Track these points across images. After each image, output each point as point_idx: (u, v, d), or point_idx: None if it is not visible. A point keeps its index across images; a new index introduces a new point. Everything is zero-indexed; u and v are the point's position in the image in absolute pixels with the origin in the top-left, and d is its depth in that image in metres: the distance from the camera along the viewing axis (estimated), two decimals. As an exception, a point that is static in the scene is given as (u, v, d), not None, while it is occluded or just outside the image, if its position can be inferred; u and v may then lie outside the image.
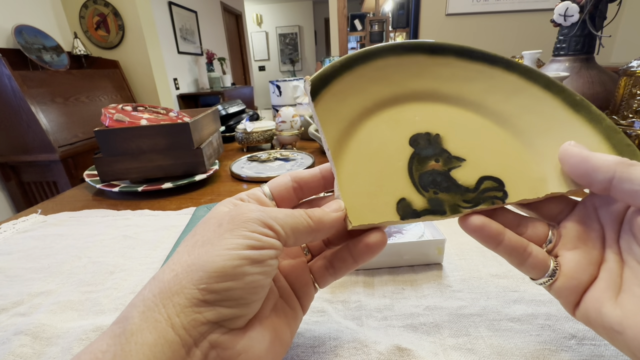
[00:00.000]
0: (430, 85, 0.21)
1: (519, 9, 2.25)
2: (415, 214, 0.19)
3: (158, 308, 0.14)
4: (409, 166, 0.20)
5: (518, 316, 0.24)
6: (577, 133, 0.19)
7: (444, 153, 0.20)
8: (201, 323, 0.14)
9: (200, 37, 3.60)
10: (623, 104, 0.51)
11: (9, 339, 0.24)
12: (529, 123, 0.20)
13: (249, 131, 0.76)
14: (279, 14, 6.39)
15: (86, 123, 1.76)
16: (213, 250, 0.15)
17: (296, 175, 0.20)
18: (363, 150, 0.20)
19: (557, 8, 0.61)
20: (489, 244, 0.19)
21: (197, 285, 0.14)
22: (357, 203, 0.19)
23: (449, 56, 0.21)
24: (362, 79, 0.21)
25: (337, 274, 0.21)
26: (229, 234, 0.16)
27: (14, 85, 1.45)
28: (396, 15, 2.84)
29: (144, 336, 0.13)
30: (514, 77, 0.20)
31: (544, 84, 0.20)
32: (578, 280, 0.18)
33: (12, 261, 0.36)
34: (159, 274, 0.15)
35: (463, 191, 0.19)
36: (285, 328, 0.18)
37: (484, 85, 0.21)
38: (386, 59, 0.21)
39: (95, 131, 0.53)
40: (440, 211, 0.19)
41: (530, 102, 0.20)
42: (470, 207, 0.19)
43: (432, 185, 0.20)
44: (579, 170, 0.17)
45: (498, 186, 0.19)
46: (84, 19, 2.16)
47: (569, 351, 0.21)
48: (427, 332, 0.24)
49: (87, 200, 0.54)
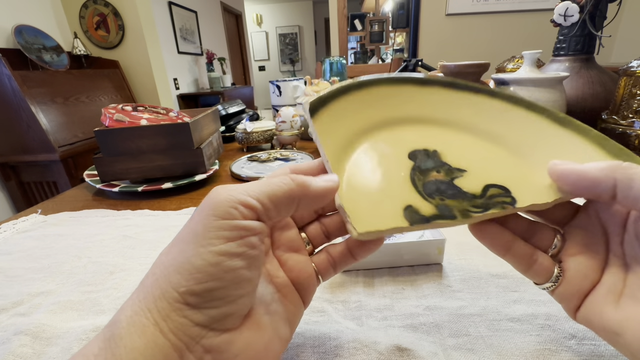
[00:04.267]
0: (421, 110, 0.22)
1: (519, 9, 2.25)
2: (424, 220, 0.18)
3: (144, 313, 0.13)
4: (412, 176, 0.20)
5: (518, 316, 0.24)
6: (569, 144, 0.19)
7: (444, 165, 0.20)
8: (189, 327, 0.13)
9: (200, 37, 3.60)
10: (623, 104, 0.51)
11: (9, 339, 0.24)
12: (520, 139, 0.21)
13: (249, 131, 0.76)
14: (279, 14, 6.39)
15: (86, 123, 1.76)
16: (188, 249, 0.14)
17: (295, 168, 0.20)
18: (363, 163, 0.20)
19: (557, 8, 0.61)
20: (498, 252, 0.19)
21: (176, 288, 0.13)
22: (361, 211, 0.18)
23: (436, 86, 0.23)
24: (357, 102, 0.22)
25: (337, 268, 0.21)
26: (201, 227, 0.14)
27: (14, 85, 1.45)
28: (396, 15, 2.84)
29: (132, 340, 0.13)
30: (498, 102, 0.22)
31: (526, 105, 0.21)
32: (580, 286, 0.18)
33: (12, 261, 0.36)
34: (144, 278, 0.15)
35: (470, 197, 0.19)
36: (284, 325, 0.18)
37: (471, 110, 0.22)
38: (379, 88, 0.22)
39: (95, 131, 0.53)
40: (449, 216, 0.18)
41: (518, 121, 0.21)
42: (480, 211, 0.18)
43: (437, 193, 0.19)
44: (581, 186, 0.16)
45: (504, 192, 0.19)
46: (84, 19, 2.16)
47: (569, 351, 0.21)
48: (427, 332, 0.24)
49: (87, 200, 0.54)
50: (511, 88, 0.55)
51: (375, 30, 3.09)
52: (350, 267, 0.31)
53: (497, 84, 0.59)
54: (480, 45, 2.33)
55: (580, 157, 0.19)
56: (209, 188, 0.56)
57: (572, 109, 0.61)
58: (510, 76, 0.55)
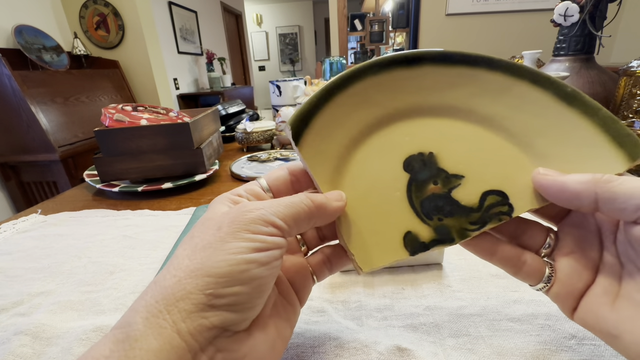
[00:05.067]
0: (413, 99, 0.20)
1: (519, 9, 2.25)
2: (424, 247, 0.19)
3: (162, 314, 0.14)
4: (408, 195, 0.20)
5: (518, 316, 0.24)
6: (572, 127, 0.18)
7: (442, 173, 0.20)
8: (207, 328, 0.14)
9: (200, 37, 3.60)
10: (623, 104, 0.51)
11: (9, 339, 0.24)
12: (522, 123, 0.19)
13: (249, 131, 0.76)
14: (279, 14, 6.39)
15: (86, 123, 1.76)
16: (217, 254, 0.15)
17: (293, 168, 0.20)
18: (358, 187, 0.20)
19: (557, 8, 0.61)
20: (483, 256, 0.20)
21: (203, 290, 0.14)
22: (363, 246, 0.19)
23: (426, 64, 0.19)
24: (342, 107, 0.19)
25: (333, 269, 0.21)
26: (232, 237, 0.15)
27: (14, 85, 1.45)
28: (396, 15, 2.84)
29: (148, 342, 0.13)
30: (498, 75, 0.19)
31: (531, 78, 0.18)
32: (573, 287, 0.18)
33: (12, 261, 0.36)
34: (159, 279, 0.15)
35: (468, 212, 0.19)
36: (285, 324, 0.18)
37: (468, 89, 0.19)
38: (363, 81, 0.19)
39: (95, 131, 0.53)
40: (448, 239, 0.19)
41: (520, 101, 0.19)
42: (477, 228, 0.19)
43: (435, 211, 0.19)
44: (562, 199, 0.17)
45: (502, 199, 0.19)
46: (84, 18, 2.16)
47: (569, 351, 0.21)
48: (427, 332, 0.24)
49: (87, 200, 0.54)
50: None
51: (375, 30, 3.09)
52: (350, 268, 0.31)
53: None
54: (480, 45, 2.33)
55: (582, 147, 0.18)
56: (209, 188, 0.56)
57: (572, 109, 0.61)
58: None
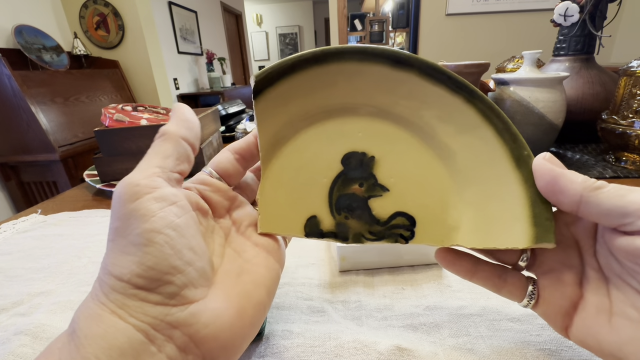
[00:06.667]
0: (384, 100, 0.19)
1: (519, 9, 2.25)
2: (319, 234, 0.20)
3: (98, 306, 0.14)
4: (332, 185, 0.20)
5: (518, 316, 0.24)
6: (506, 189, 0.18)
7: (371, 179, 0.20)
8: (149, 307, 0.14)
9: (200, 37, 3.60)
10: (623, 104, 0.51)
11: (9, 339, 0.24)
12: (469, 165, 0.19)
13: (249, 131, 0.76)
14: (279, 14, 6.39)
15: (86, 123, 1.76)
16: (118, 243, 0.15)
17: (234, 147, 0.20)
18: (294, 159, 0.20)
19: (557, 8, 0.61)
20: (464, 277, 0.20)
21: (120, 278, 0.14)
22: (272, 211, 0.20)
23: (412, 71, 0.18)
24: (312, 81, 0.19)
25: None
26: (120, 223, 0.15)
27: (14, 85, 1.45)
28: (396, 15, 2.84)
29: (91, 329, 0.13)
30: (473, 111, 0.18)
31: (500, 127, 0.18)
32: (559, 304, 0.17)
33: (12, 261, 0.36)
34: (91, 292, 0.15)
35: (373, 222, 0.20)
36: (256, 289, 0.17)
37: (438, 113, 0.19)
38: (344, 64, 0.18)
39: (95, 131, 0.53)
40: (342, 237, 0.20)
41: (479, 145, 0.19)
42: (373, 239, 0.20)
43: (345, 209, 0.20)
44: (548, 189, 0.16)
45: (409, 225, 0.20)
46: (84, 18, 2.16)
47: (569, 351, 0.21)
48: (427, 332, 0.24)
49: (87, 200, 0.54)
50: (511, 88, 0.55)
51: (375, 30, 3.09)
52: (350, 267, 0.31)
53: (497, 84, 0.59)
54: (480, 45, 2.33)
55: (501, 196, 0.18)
56: (209, 188, 0.56)
57: (572, 109, 0.61)
58: (510, 76, 0.55)
